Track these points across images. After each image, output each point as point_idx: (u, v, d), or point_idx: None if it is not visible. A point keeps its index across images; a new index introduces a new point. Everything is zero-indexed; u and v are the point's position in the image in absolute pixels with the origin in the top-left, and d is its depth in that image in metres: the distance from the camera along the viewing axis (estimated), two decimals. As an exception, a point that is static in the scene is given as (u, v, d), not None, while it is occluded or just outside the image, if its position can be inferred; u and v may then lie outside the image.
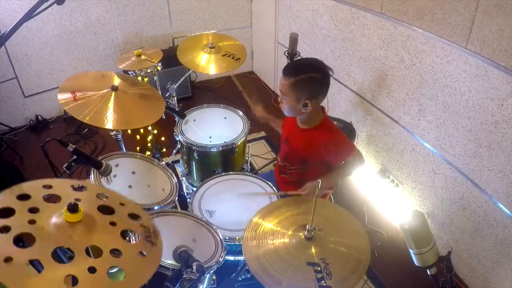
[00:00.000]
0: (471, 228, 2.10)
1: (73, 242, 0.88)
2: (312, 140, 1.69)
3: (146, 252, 0.97)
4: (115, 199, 1.10)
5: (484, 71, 1.81)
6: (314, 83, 1.56)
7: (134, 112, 1.75)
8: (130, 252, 0.95)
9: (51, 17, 3.33)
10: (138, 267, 0.93)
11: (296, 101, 1.59)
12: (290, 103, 1.61)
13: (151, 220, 1.10)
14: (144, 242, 1.00)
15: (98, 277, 0.84)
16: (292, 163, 1.83)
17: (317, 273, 1.11)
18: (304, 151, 1.75)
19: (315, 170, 1.77)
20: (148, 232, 1.04)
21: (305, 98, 1.57)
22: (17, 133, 3.54)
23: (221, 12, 4.09)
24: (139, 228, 1.04)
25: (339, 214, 1.41)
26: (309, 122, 1.70)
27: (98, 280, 0.84)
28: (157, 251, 1.01)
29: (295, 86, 1.57)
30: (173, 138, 2.24)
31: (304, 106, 1.59)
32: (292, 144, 1.80)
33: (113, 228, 0.99)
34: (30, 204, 0.93)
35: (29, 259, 0.80)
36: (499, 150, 1.84)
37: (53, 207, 0.95)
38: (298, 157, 1.78)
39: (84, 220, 0.94)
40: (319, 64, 1.59)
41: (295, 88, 1.57)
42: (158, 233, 1.05)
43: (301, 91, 1.56)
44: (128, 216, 1.06)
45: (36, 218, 0.90)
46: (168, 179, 1.86)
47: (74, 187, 1.06)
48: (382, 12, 2.35)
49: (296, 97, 1.58)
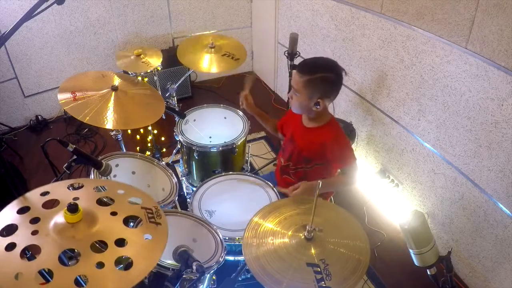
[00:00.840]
0: (471, 228, 2.10)
1: (76, 242, 0.89)
2: (317, 138, 1.69)
3: (151, 235, 0.97)
4: (113, 187, 1.10)
5: (484, 71, 1.81)
6: (328, 83, 1.57)
7: (134, 112, 1.75)
8: (135, 238, 0.95)
9: (51, 17, 3.33)
10: (145, 252, 0.93)
11: (308, 99, 1.59)
12: (301, 100, 1.61)
13: (152, 200, 1.09)
14: (148, 224, 1.00)
15: (107, 271, 0.85)
16: (296, 162, 1.82)
17: (316, 273, 1.11)
18: (309, 150, 1.74)
19: (317, 171, 1.77)
20: (151, 213, 1.03)
21: (317, 97, 1.57)
22: (17, 133, 3.54)
23: (221, 12, 4.09)
24: (141, 211, 1.03)
25: (339, 214, 1.41)
26: (317, 120, 1.70)
27: (107, 273, 0.85)
28: (162, 230, 1.00)
29: (309, 84, 1.56)
30: (173, 138, 2.23)
31: (316, 104, 1.59)
32: (297, 142, 1.79)
33: (115, 218, 0.99)
34: (30, 215, 0.94)
35: (38, 269, 0.80)
36: (499, 150, 1.84)
37: (52, 212, 0.96)
38: (302, 156, 1.77)
39: (85, 218, 0.94)
40: (334, 64, 1.60)
41: (309, 86, 1.57)
42: (161, 212, 1.05)
43: (315, 89, 1.57)
44: (129, 202, 1.06)
45: (38, 227, 0.91)
46: (168, 179, 1.86)
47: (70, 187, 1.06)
48: (382, 12, 2.35)
49: (309, 95, 1.58)
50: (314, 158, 1.74)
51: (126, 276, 0.85)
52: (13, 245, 0.84)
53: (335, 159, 1.69)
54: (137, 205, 1.05)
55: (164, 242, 0.98)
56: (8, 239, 0.86)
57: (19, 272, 0.78)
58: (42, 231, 0.90)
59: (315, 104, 1.59)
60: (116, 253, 0.89)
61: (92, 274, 0.83)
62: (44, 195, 1.02)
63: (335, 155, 1.68)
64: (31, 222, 0.92)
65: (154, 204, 1.06)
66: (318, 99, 1.58)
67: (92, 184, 1.13)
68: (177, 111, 2.20)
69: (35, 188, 1.03)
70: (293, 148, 1.81)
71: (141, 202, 1.03)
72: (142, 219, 1.01)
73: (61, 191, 1.05)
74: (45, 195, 1.01)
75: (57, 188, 1.06)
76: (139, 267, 0.88)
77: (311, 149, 1.73)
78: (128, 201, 1.03)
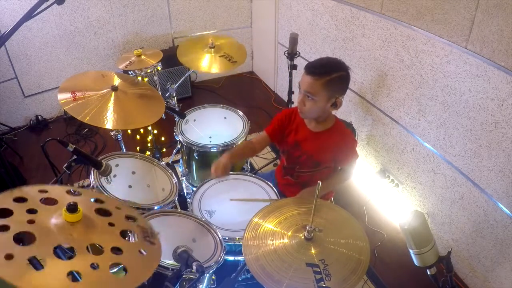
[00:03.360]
0: (471, 228, 2.10)
1: (74, 240, 0.89)
2: (328, 142, 1.69)
3: (146, 250, 0.98)
4: (110, 203, 1.11)
5: (484, 71, 1.81)
6: (344, 81, 1.59)
7: (134, 112, 1.75)
8: (131, 250, 0.95)
9: (51, 17, 3.33)
10: (139, 265, 0.94)
11: (327, 101, 1.58)
12: (319, 103, 1.58)
13: (147, 222, 1.11)
14: (143, 242, 1.01)
15: (101, 273, 0.85)
16: (304, 166, 1.80)
17: (316, 274, 1.11)
18: (319, 155, 1.73)
19: (323, 173, 1.78)
20: (146, 233, 1.04)
21: (335, 97, 1.58)
22: (17, 133, 3.54)
23: (221, 12, 4.09)
24: (137, 229, 1.04)
25: (339, 214, 1.41)
26: (325, 124, 1.70)
27: (101, 275, 0.84)
28: (156, 250, 1.01)
29: (328, 85, 1.54)
30: (173, 138, 2.24)
31: (333, 105, 1.59)
32: (306, 149, 1.75)
33: (112, 228, 0.99)
34: (27, 206, 0.93)
35: (30, 255, 0.80)
36: (499, 150, 1.84)
37: (50, 209, 0.96)
38: (313, 161, 1.76)
39: (83, 220, 0.94)
40: (342, 62, 1.62)
41: (328, 87, 1.55)
42: (155, 233, 1.06)
43: (333, 89, 1.56)
44: (125, 218, 1.07)
45: (35, 218, 0.90)
46: (168, 179, 1.86)
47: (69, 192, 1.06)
48: (382, 12, 2.35)
49: (328, 96, 1.56)
50: (325, 161, 1.75)
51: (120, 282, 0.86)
52: (7, 227, 0.84)
53: (344, 159, 1.71)
54: (134, 222, 1.06)
55: (157, 261, 1.00)
56: (2, 220, 0.85)
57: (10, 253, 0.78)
58: (39, 222, 0.89)
59: (333, 105, 1.59)
60: (111, 258, 0.89)
61: (86, 272, 0.83)
62: (42, 192, 1.01)
63: (346, 155, 1.70)
64: (28, 212, 0.91)
65: (149, 226, 1.08)
66: (336, 99, 1.58)
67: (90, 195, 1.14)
68: (177, 111, 2.20)
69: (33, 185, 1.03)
70: (301, 154, 1.78)
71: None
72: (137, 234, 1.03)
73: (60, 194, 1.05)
74: (43, 193, 1.01)
75: (56, 190, 1.06)
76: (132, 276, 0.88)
77: (322, 154, 1.72)
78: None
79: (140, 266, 0.94)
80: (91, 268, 0.84)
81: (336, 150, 1.68)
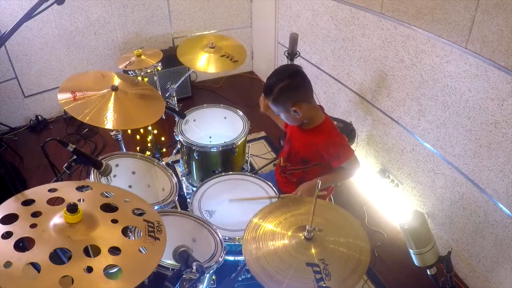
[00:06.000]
0: (471, 228, 2.10)
1: (71, 243, 0.89)
2: (312, 141, 1.71)
3: (146, 248, 0.97)
4: (120, 195, 1.10)
5: (484, 71, 1.81)
6: (289, 90, 1.59)
7: (134, 112, 1.75)
8: (130, 249, 0.95)
9: (51, 17, 3.33)
10: (137, 264, 0.93)
11: (287, 112, 1.64)
12: (285, 116, 1.68)
13: (156, 215, 1.09)
14: (146, 238, 1.00)
15: (94, 276, 0.85)
16: (293, 163, 1.83)
17: (316, 273, 1.11)
18: (305, 152, 1.77)
19: (316, 171, 1.77)
20: (152, 227, 1.03)
21: (290, 106, 1.61)
22: (17, 133, 3.54)
23: (221, 12, 4.09)
24: (142, 224, 1.03)
25: (339, 214, 1.41)
26: (310, 123, 1.72)
27: (94, 279, 0.84)
28: (159, 246, 1.00)
29: (277, 102, 1.63)
30: (173, 138, 2.23)
31: (295, 112, 1.62)
32: (294, 144, 1.82)
33: (114, 225, 0.99)
34: (33, 208, 0.94)
35: (28, 262, 0.81)
36: (499, 150, 1.84)
37: (56, 209, 0.96)
38: (299, 157, 1.79)
39: (84, 219, 0.94)
40: (286, 69, 1.67)
41: (277, 104, 1.64)
42: (162, 228, 1.05)
43: (284, 102, 1.62)
44: (132, 212, 1.06)
45: (38, 222, 0.91)
46: (168, 179, 1.86)
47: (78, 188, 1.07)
48: (382, 12, 2.35)
49: (284, 109, 1.64)
50: (312, 159, 1.76)
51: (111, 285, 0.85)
52: (10, 234, 0.85)
53: (333, 158, 1.70)
54: (140, 216, 1.06)
55: (158, 259, 0.99)
56: (7, 227, 0.86)
57: (9, 260, 0.78)
58: (40, 226, 0.90)
59: (295, 112, 1.62)
60: (107, 260, 0.89)
61: (79, 277, 0.82)
62: (51, 191, 1.02)
63: (331, 155, 1.69)
64: (32, 216, 0.92)
65: (157, 219, 1.07)
66: (293, 108, 1.60)
67: (100, 189, 1.13)
68: (177, 111, 2.19)
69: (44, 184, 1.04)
70: (290, 149, 1.84)
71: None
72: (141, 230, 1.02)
73: (69, 191, 1.05)
74: (52, 192, 1.02)
75: (65, 187, 1.07)
76: (127, 278, 0.88)
77: (307, 151, 1.75)
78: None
79: (138, 266, 0.93)
80: (85, 272, 0.84)
81: (320, 148, 1.68)
